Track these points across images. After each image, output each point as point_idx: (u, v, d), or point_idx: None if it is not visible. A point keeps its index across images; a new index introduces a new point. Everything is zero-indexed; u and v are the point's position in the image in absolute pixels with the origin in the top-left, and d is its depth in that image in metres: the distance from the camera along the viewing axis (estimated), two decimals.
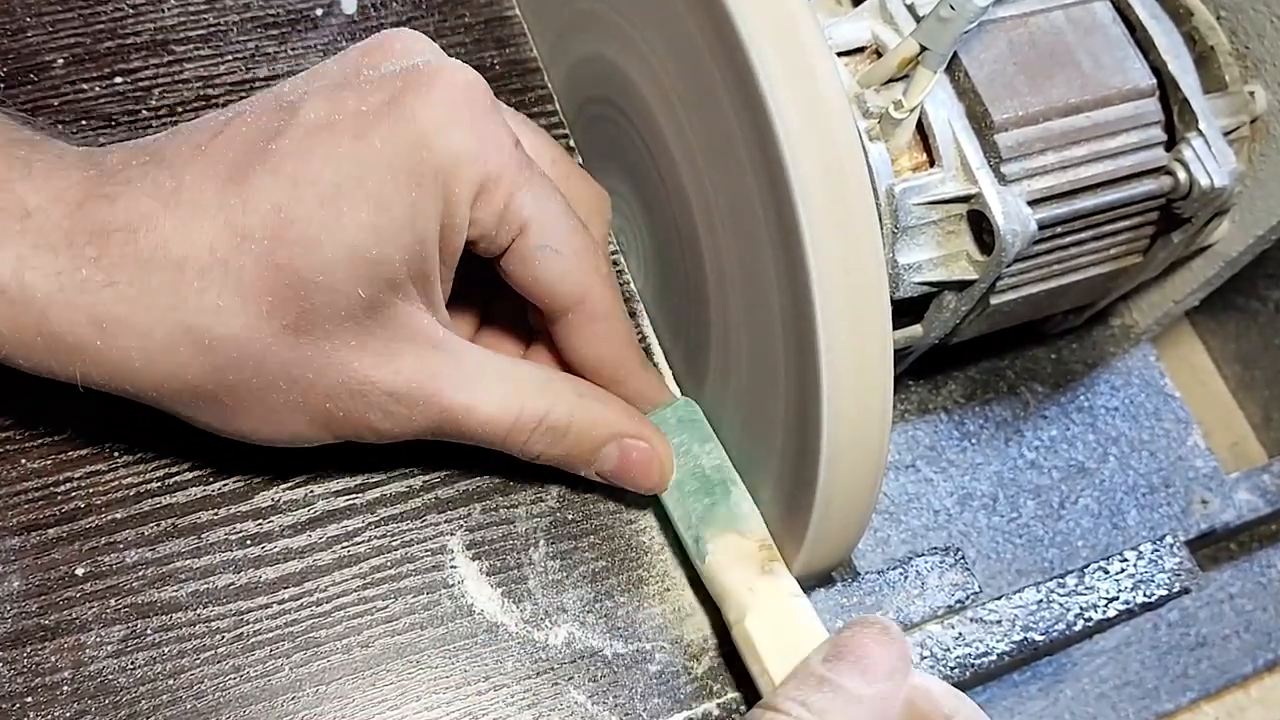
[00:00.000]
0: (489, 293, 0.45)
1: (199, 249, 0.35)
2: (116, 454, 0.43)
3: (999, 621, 0.44)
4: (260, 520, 0.43)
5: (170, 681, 0.40)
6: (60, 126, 0.46)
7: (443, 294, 0.40)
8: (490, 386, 0.40)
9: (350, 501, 0.44)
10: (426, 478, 0.45)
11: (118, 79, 0.48)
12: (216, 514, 0.43)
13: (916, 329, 0.49)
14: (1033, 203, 0.45)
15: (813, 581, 0.44)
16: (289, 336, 0.36)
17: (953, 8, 0.42)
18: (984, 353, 0.61)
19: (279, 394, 0.38)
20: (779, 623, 0.40)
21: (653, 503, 0.46)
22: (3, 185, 0.35)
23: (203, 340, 0.36)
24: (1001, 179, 0.45)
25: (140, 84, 0.48)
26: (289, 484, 0.44)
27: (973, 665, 0.43)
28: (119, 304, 0.35)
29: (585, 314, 0.42)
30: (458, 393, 0.40)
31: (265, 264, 0.35)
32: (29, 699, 0.39)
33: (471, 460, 0.45)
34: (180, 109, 0.48)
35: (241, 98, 0.48)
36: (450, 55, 0.51)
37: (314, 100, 0.37)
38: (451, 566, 0.44)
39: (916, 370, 0.59)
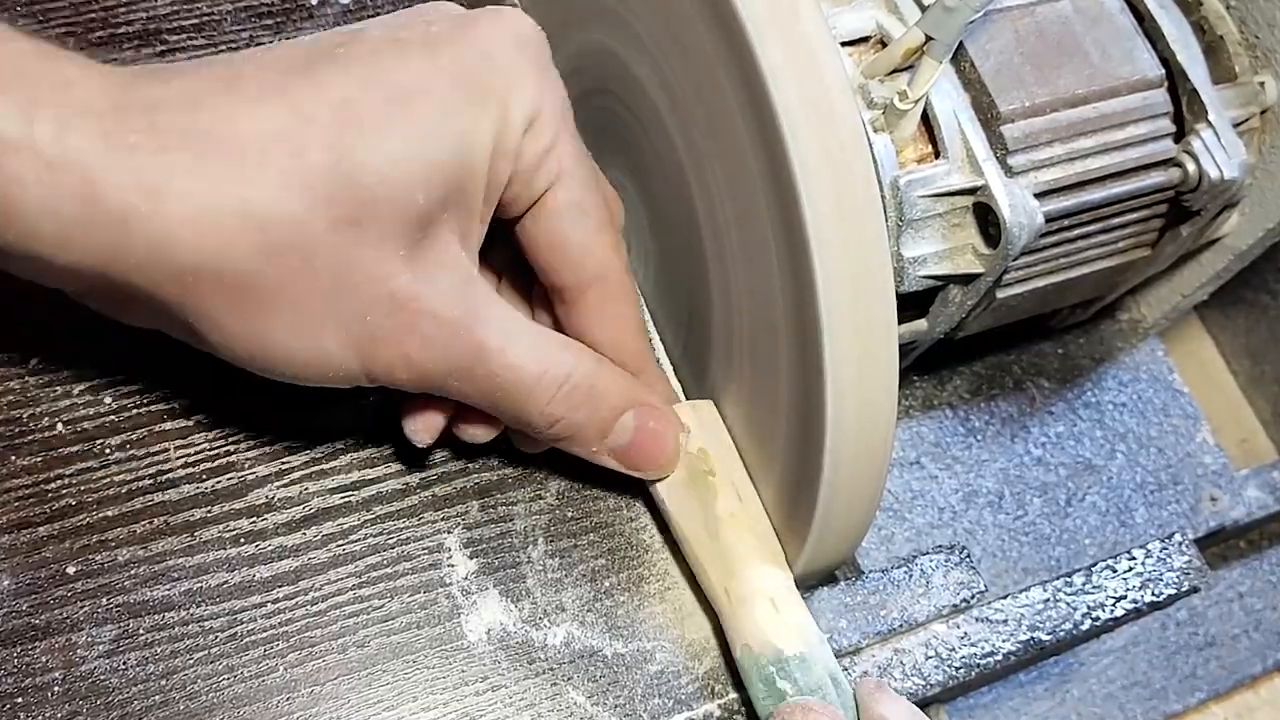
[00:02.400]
0: (492, 272, 0.44)
1: (262, 127, 0.34)
2: (108, 451, 0.42)
3: (1005, 621, 0.44)
4: (254, 518, 0.42)
5: (163, 682, 0.40)
6: None
7: (478, 237, 0.39)
8: (522, 335, 0.39)
9: (346, 499, 0.43)
10: (424, 475, 0.44)
11: None
12: (210, 511, 0.42)
13: (921, 323, 0.49)
14: (1039, 195, 0.45)
15: (816, 580, 0.44)
16: (344, 230, 0.35)
17: None
18: (990, 348, 0.61)
19: (320, 295, 0.36)
20: None
21: (653, 502, 0.45)
22: (42, 56, 0.33)
23: (258, 218, 0.34)
24: (1008, 171, 0.45)
25: None
26: (283, 481, 0.43)
27: (978, 665, 0.43)
28: (173, 170, 0.33)
29: (604, 293, 0.41)
30: (493, 331, 0.38)
31: (330, 149, 0.34)
32: (19, 699, 0.38)
33: (469, 457, 0.44)
34: None
35: None
36: None
37: (379, 25, 0.37)
38: (449, 565, 0.43)
39: (921, 365, 0.58)
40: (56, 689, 0.39)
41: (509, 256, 0.42)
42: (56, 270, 0.34)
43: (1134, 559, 0.46)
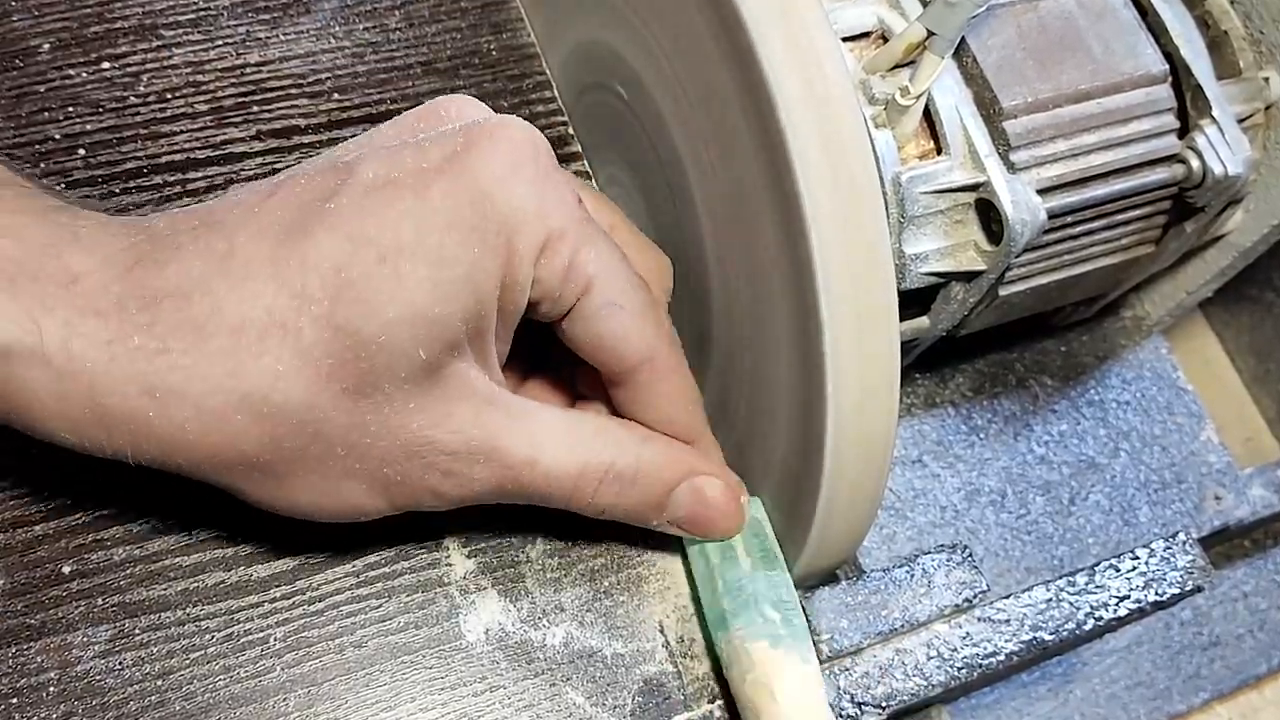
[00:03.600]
0: (530, 356, 0.44)
1: (255, 312, 0.34)
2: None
3: (1007, 621, 0.43)
4: (251, 516, 0.42)
5: (159, 682, 0.39)
6: (46, 114, 0.46)
7: (500, 354, 0.39)
8: (552, 438, 0.39)
9: None
10: None
11: (105, 64, 0.47)
12: (206, 510, 0.42)
13: (923, 321, 0.49)
14: (1042, 191, 0.45)
15: (817, 580, 0.44)
16: (348, 400, 0.35)
17: None
18: (992, 345, 0.60)
19: (336, 461, 0.37)
20: None
21: None
22: (48, 251, 0.34)
23: (260, 407, 0.35)
24: (1010, 167, 0.44)
25: (129, 69, 0.47)
26: None
27: (980, 665, 0.43)
28: (173, 372, 0.34)
29: (653, 372, 0.41)
30: (519, 448, 0.39)
31: (325, 326, 0.34)
32: (14, 700, 0.38)
33: None
34: (169, 95, 0.47)
35: (232, 83, 0.48)
36: (446, 40, 0.51)
37: (371, 160, 0.36)
38: (447, 564, 0.43)
39: (923, 363, 0.58)
40: (52, 689, 0.39)
41: (539, 342, 0.42)
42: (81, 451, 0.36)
43: (1137, 558, 0.45)
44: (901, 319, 0.39)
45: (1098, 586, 0.45)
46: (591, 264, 0.38)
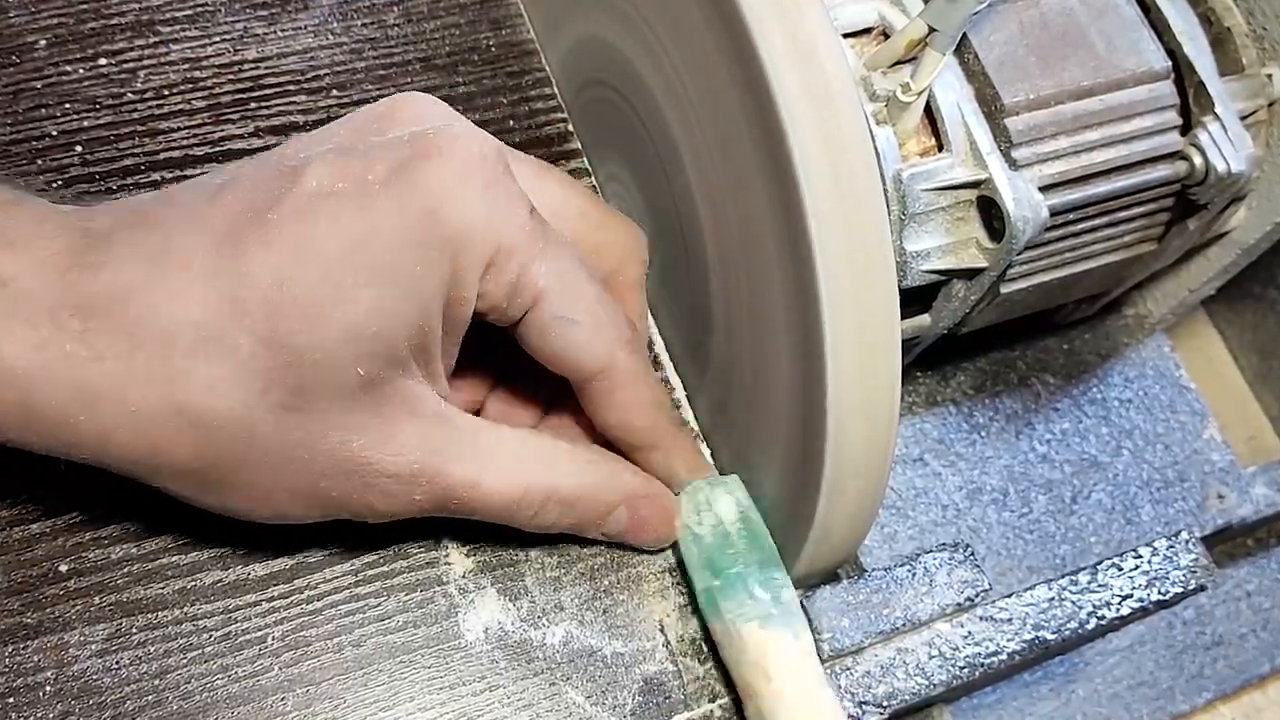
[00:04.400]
0: (501, 358, 0.43)
1: (189, 322, 0.34)
2: None
3: (1009, 620, 0.43)
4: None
5: (156, 681, 0.39)
6: (43, 110, 0.45)
7: (446, 366, 0.38)
8: (495, 461, 0.39)
9: None
10: None
11: (102, 61, 0.47)
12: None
13: (925, 318, 0.48)
14: (1044, 188, 0.45)
15: (818, 579, 0.44)
16: (283, 415, 0.35)
17: None
18: (994, 343, 0.60)
19: (271, 473, 0.36)
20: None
21: None
22: None
23: (192, 417, 0.34)
24: (1012, 164, 0.44)
25: (125, 66, 0.47)
26: None
27: (982, 665, 0.42)
28: (105, 379, 0.33)
29: (608, 382, 0.41)
30: (461, 469, 0.38)
31: (261, 340, 0.34)
32: (10, 700, 0.38)
33: None
34: (167, 91, 0.47)
35: (230, 80, 0.48)
36: (445, 36, 0.51)
37: (317, 166, 0.35)
38: (446, 563, 0.43)
39: (925, 361, 0.58)
40: (48, 689, 0.38)
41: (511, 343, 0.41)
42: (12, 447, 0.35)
43: (1140, 557, 0.45)
44: (903, 317, 0.38)
45: (1100, 585, 0.44)
46: (542, 277, 0.37)
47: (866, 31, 0.45)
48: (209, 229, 0.34)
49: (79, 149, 0.45)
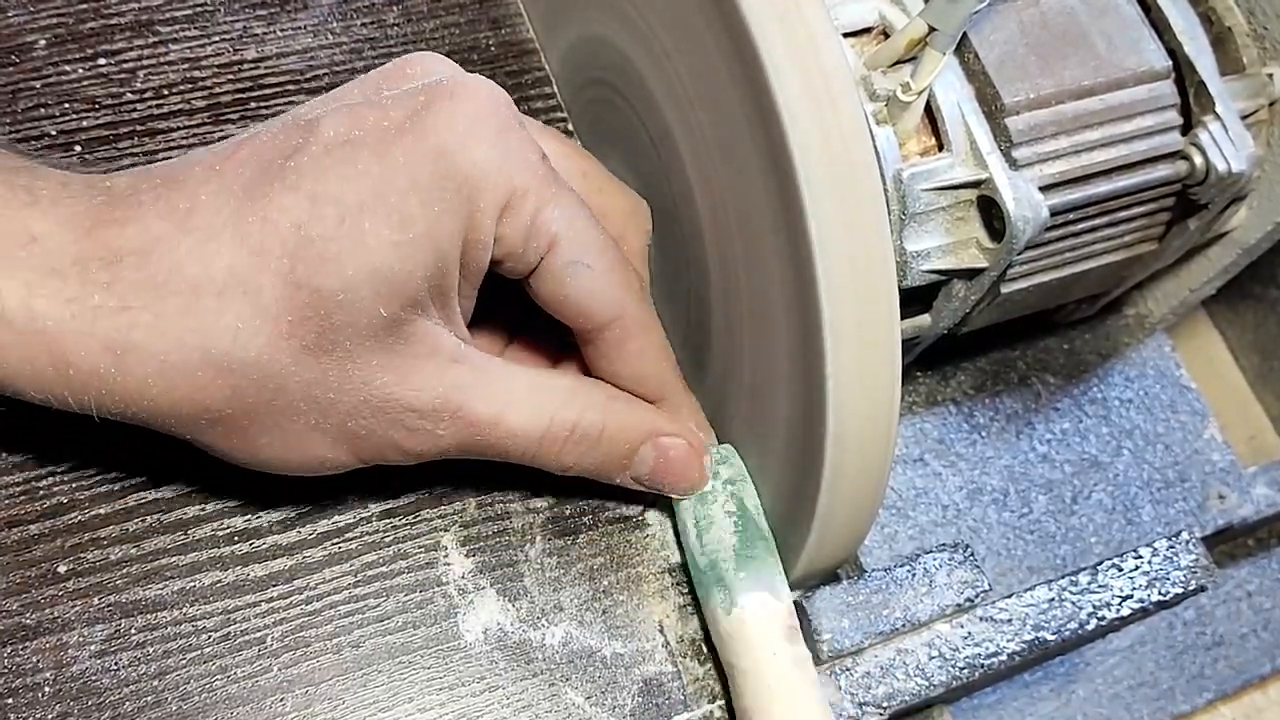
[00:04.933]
0: (516, 314, 0.44)
1: (215, 270, 0.34)
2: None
3: (1010, 620, 0.43)
4: (248, 515, 0.42)
5: (155, 682, 0.39)
6: (42, 110, 0.45)
7: (464, 312, 0.39)
8: (517, 397, 0.40)
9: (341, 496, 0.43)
10: (420, 471, 0.44)
11: (101, 60, 0.47)
12: (203, 509, 0.42)
13: (925, 318, 0.48)
14: (1045, 188, 0.44)
15: (818, 579, 0.44)
16: (309, 356, 0.36)
17: None
18: (994, 343, 0.60)
19: (300, 416, 0.37)
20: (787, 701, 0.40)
21: (654, 499, 0.45)
22: (6, 212, 0.34)
23: (222, 363, 0.35)
24: (1012, 164, 0.44)
25: (125, 66, 0.47)
26: (277, 477, 0.42)
27: (982, 665, 0.42)
28: (134, 330, 0.34)
29: (620, 331, 0.41)
30: (484, 405, 0.39)
31: (285, 283, 0.34)
32: (9, 700, 0.38)
33: None
34: (166, 91, 0.47)
35: (229, 80, 0.48)
36: (444, 36, 0.51)
37: (333, 118, 0.36)
38: (445, 564, 0.43)
39: (925, 361, 0.58)
40: (47, 689, 0.38)
41: (526, 299, 0.42)
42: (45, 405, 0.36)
43: (1140, 557, 0.45)
44: (903, 317, 0.38)
45: (1100, 586, 0.44)
46: (555, 222, 0.38)
47: (866, 31, 0.45)
48: (230, 182, 0.35)
49: (78, 149, 0.45)
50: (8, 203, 0.34)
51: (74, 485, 0.41)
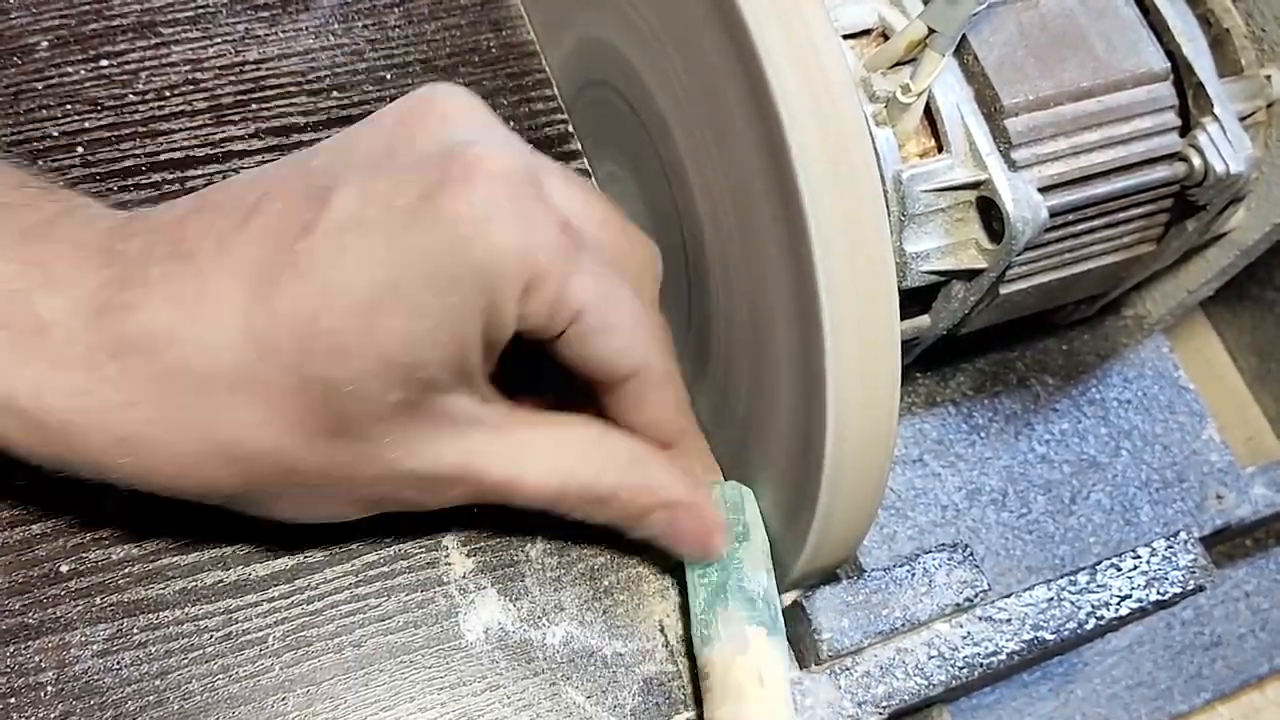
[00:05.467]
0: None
1: (223, 366, 0.34)
2: None
3: (1008, 620, 0.43)
4: (249, 517, 0.42)
5: (157, 682, 0.39)
6: (45, 111, 0.45)
7: (486, 370, 0.38)
8: (535, 457, 0.39)
9: None
10: None
11: (104, 62, 0.47)
12: (204, 508, 0.42)
13: (924, 319, 0.48)
14: (1044, 189, 0.45)
15: (817, 579, 0.44)
16: (321, 443, 0.35)
17: None
18: (993, 344, 0.60)
19: (313, 490, 0.37)
20: None
21: None
22: (18, 298, 0.34)
23: (233, 455, 0.35)
24: (1011, 165, 0.44)
25: (127, 67, 0.47)
26: None
27: (981, 665, 0.42)
28: (145, 426, 0.34)
29: (642, 383, 0.40)
30: (500, 469, 0.39)
31: (295, 376, 0.34)
32: (11, 700, 0.38)
33: None
34: (168, 92, 0.47)
35: (231, 81, 0.48)
36: (445, 38, 0.51)
37: (344, 192, 0.34)
38: (447, 564, 0.43)
39: (924, 362, 0.58)
40: (49, 689, 0.38)
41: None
42: None
43: (1139, 557, 0.45)
44: (902, 318, 0.39)
45: (1099, 586, 0.44)
46: (580, 293, 0.37)
47: (866, 33, 0.45)
48: (239, 263, 0.34)
49: (80, 150, 0.45)
50: (20, 283, 0.34)
51: (74, 485, 0.41)
